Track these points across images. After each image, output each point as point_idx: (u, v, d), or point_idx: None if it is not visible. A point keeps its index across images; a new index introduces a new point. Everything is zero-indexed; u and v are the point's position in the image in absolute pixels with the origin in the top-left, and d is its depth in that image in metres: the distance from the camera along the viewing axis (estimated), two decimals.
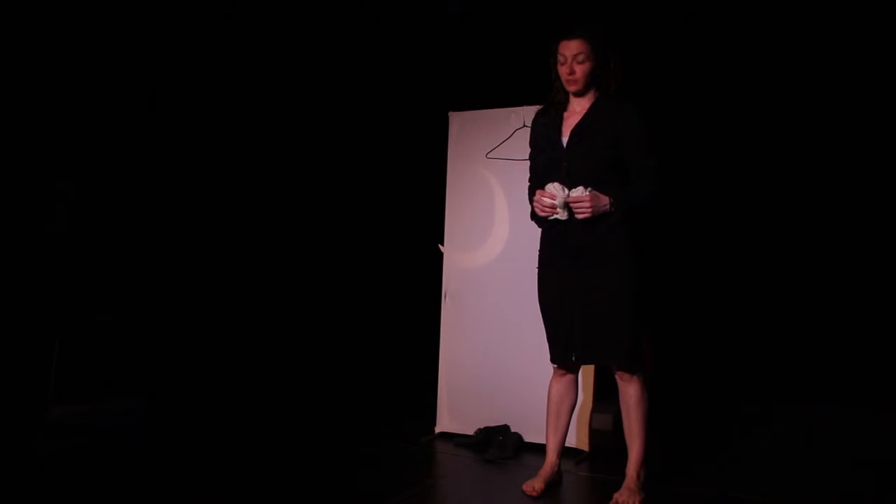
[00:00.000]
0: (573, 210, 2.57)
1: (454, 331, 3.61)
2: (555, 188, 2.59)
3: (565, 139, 2.67)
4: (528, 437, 3.38)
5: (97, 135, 3.87)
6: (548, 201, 2.60)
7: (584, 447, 3.28)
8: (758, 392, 4.19)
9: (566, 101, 2.73)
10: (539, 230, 2.80)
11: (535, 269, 2.81)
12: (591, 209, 2.54)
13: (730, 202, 4.35)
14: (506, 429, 3.42)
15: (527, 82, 3.04)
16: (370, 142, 4.94)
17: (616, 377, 2.70)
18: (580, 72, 2.62)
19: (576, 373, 2.85)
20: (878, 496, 2.82)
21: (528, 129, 2.95)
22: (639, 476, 2.69)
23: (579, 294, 2.64)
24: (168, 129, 4.20)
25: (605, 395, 3.25)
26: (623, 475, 2.71)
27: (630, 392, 2.68)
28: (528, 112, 3.33)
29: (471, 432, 3.46)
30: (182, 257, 4.28)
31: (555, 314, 2.73)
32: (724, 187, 4.32)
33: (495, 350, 3.50)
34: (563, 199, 2.57)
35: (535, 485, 2.77)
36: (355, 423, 3.86)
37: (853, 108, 4.04)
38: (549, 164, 2.70)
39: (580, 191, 2.55)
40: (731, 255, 4.36)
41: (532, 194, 2.74)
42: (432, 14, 4.36)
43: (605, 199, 2.56)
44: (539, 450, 3.03)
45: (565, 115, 2.72)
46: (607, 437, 3.52)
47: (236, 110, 4.50)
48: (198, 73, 4.28)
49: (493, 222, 3.56)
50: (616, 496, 2.64)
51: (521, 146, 3.26)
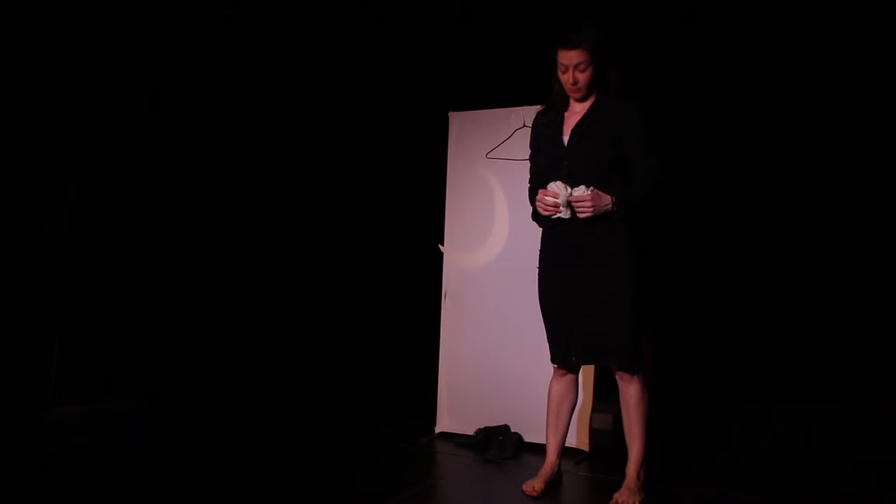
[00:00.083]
0: (575, 209, 2.58)
1: (454, 331, 3.62)
2: (557, 187, 2.59)
3: (566, 138, 2.68)
4: (528, 437, 3.38)
5: (97, 135, 3.87)
6: (550, 200, 2.60)
7: (585, 447, 3.28)
8: (758, 392, 4.19)
9: (567, 102, 2.73)
10: (539, 230, 2.80)
11: (535, 269, 2.81)
12: (592, 208, 2.54)
13: (730, 202, 4.35)
14: (506, 429, 3.42)
15: (527, 82, 3.04)
16: (370, 142, 4.94)
17: (616, 377, 2.71)
18: (583, 80, 2.63)
19: (576, 373, 2.85)
20: (878, 496, 2.82)
21: (528, 129, 2.96)
22: (639, 476, 2.69)
23: (580, 294, 2.64)
24: (168, 129, 4.20)
25: (605, 395, 3.25)
26: (623, 475, 2.71)
27: (630, 392, 2.68)
28: (528, 112, 3.34)
29: (471, 432, 3.46)
30: (182, 257, 4.27)
31: (555, 314, 2.73)
32: (725, 188, 4.32)
33: (495, 350, 3.50)
34: (565, 198, 2.57)
35: (535, 485, 2.77)
36: (355, 423, 3.86)
37: (853, 108, 4.04)
38: (550, 163, 2.70)
39: (582, 190, 2.55)
40: (731, 255, 4.36)
41: (533, 194, 2.74)
42: (432, 14, 4.36)
43: (608, 198, 2.56)
44: (539, 450, 3.03)
45: (566, 114, 2.73)
46: (607, 437, 3.52)
47: (236, 110, 4.50)
48: (198, 73, 4.28)
49: (493, 222, 3.56)
50: (616, 496, 2.64)
51: (521, 146, 3.26)
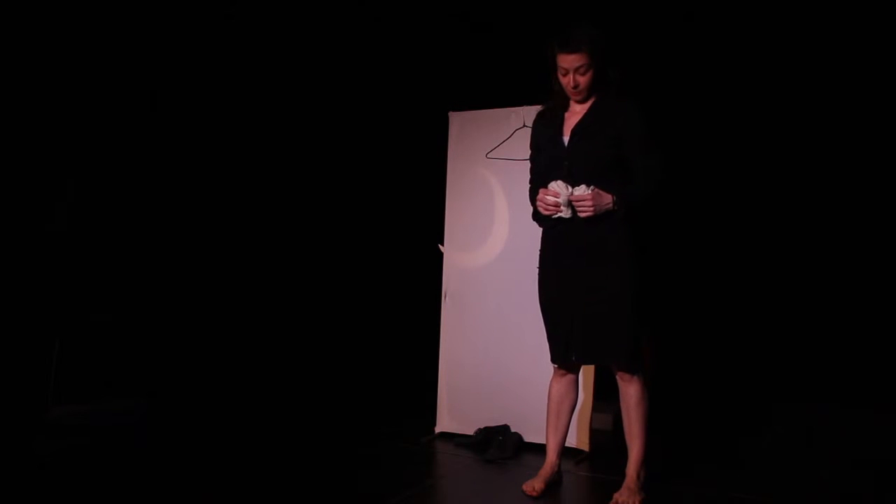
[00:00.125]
0: (576, 208, 2.58)
1: (454, 331, 3.62)
2: (558, 186, 2.59)
3: (566, 138, 2.68)
4: (528, 437, 3.38)
5: (97, 135, 3.87)
6: (551, 199, 2.60)
7: (585, 447, 3.28)
8: (758, 392, 4.19)
9: (567, 102, 2.73)
10: (539, 230, 2.80)
11: (535, 269, 2.81)
12: (593, 207, 2.54)
13: (730, 202, 4.34)
14: (506, 429, 3.42)
15: (527, 82, 3.04)
16: (370, 142, 4.93)
17: (616, 377, 2.71)
18: (584, 83, 2.63)
19: (576, 373, 2.85)
20: (878, 496, 2.82)
21: (528, 129, 2.96)
22: (639, 476, 2.69)
23: (580, 294, 2.64)
24: (168, 129, 4.20)
25: (605, 395, 3.25)
26: (623, 475, 2.71)
27: (630, 392, 2.68)
28: (528, 112, 3.34)
29: (471, 432, 3.46)
30: (182, 257, 4.27)
31: (555, 314, 2.73)
32: (725, 188, 4.32)
33: (495, 350, 3.50)
34: (566, 197, 2.57)
35: (535, 485, 2.77)
36: (355, 423, 3.86)
37: (853, 109, 4.03)
38: (550, 163, 2.70)
39: (583, 189, 2.56)
40: (731, 255, 4.36)
41: (534, 194, 2.74)
42: (432, 14, 4.36)
43: (608, 198, 2.56)
44: (539, 450, 3.03)
45: (566, 114, 2.73)
46: (607, 437, 3.52)
47: (236, 110, 4.49)
48: (198, 73, 4.28)
49: (493, 222, 3.56)
50: (616, 496, 2.65)
51: (521, 146, 3.26)
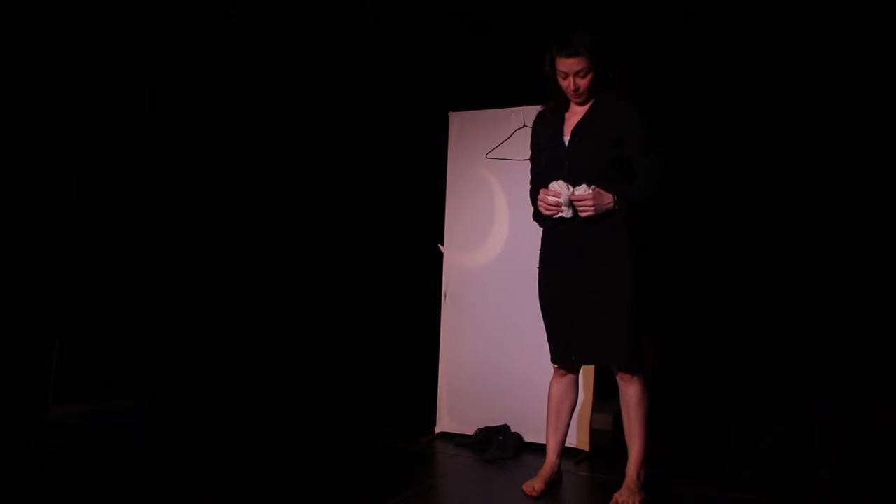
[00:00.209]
0: (577, 208, 2.58)
1: (454, 331, 3.61)
2: (559, 186, 2.59)
3: (567, 138, 2.68)
4: (528, 437, 3.38)
5: (97, 135, 3.87)
6: (552, 199, 2.60)
7: (585, 447, 3.28)
8: (758, 392, 4.19)
9: (567, 102, 2.73)
10: (539, 230, 2.80)
11: (535, 269, 2.81)
12: (594, 207, 2.54)
13: (730, 202, 4.34)
14: (506, 429, 3.41)
15: (527, 82, 3.04)
16: (370, 142, 4.93)
17: (616, 378, 2.71)
18: (584, 86, 2.63)
19: (576, 373, 2.85)
20: (878, 496, 2.82)
21: (528, 129, 2.96)
22: (639, 476, 2.69)
23: (580, 294, 2.64)
24: (168, 129, 4.20)
25: (605, 395, 3.25)
26: (623, 475, 2.71)
27: (630, 392, 2.68)
28: (528, 112, 3.34)
29: (471, 432, 3.46)
30: (182, 257, 4.27)
31: (555, 314, 2.73)
32: (725, 188, 4.32)
33: (495, 350, 3.50)
34: (567, 197, 2.57)
35: (535, 485, 2.77)
36: (355, 423, 3.86)
37: (853, 108, 4.04)
38: (550, 162, 2.70)
39: (584, 189, 2.56)
40: (731, 255, 4.36)
41: (534, 194, 2.74)
42: (432, 14, 4.36)
43: (609, 197, 2.56)
44: (539, 450, 3.03)
45: (566, 114, 2.73)
46: (607, 437, 3.52)
47: (236, 110, 4.49)
48: (198, 73, 4.28)
49: (493, 222, 3.56)
50: (616, 496, 2.64)
51: (521, 146, 3.26)
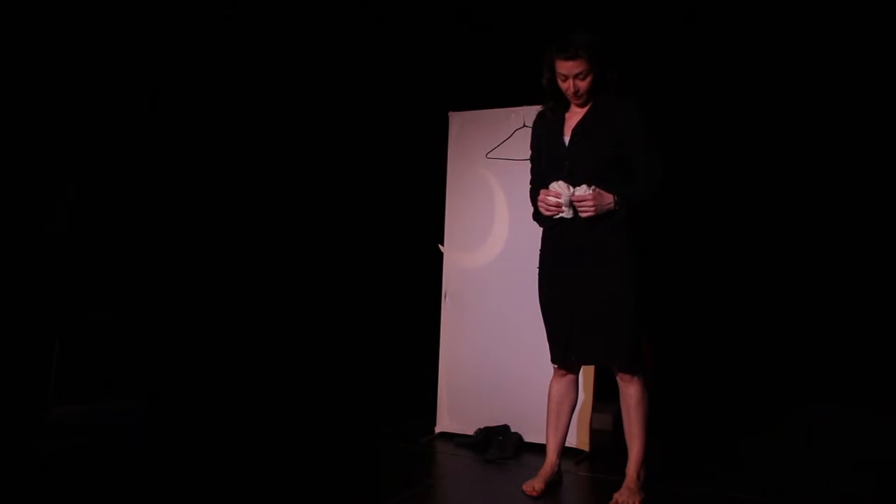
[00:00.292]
0: (578, 208, 2.58)
1: (454, 331, 3.61)
2: (559, 186, 2.59)
3: (567, 138, 2.68)
4: (528, 437, 3.38)
5: (97, 135, 3.87)
6: (553, 200, 2.60)
7: (585, 447, 3.28)
8: (758, 392, 4.19)
9: (567, 102, 2.73)
10: (539, 230, 2.80)
11: (535, 269, 2.81)
12: (595, 207, 2.54)
13: (730, 202, 4.34)
14: (506, 429, 3.42)
15: (527, 82, 3.04)
16: (370, 142, 4.93)
17: (616, 378, 2.71)
18: (584, 88, 2.63)
19: (576, 373, 2.85)
20: (878, 496, 2.82)
21: (528, 129, 2.96)
22: (639, 476, 2.69)
23: (580, 294, 2.64)
24: (168, 129, 4.20)
25: (605, 395, 3.25)
26: (623, 475, 2.71)
27: (630, 392, 2.68)
28: (528, 112, 3.34)
29: (471, 432, 3.46)
30: (182, 257, 4.27)
31: (555, 314, 2.73)
32: (725, 188, 4.32)
33: (495, 350, 3.50)
34: (567, 198, 2.57)
35: (535, 485, 2.77)
36: (355, 423, 3.86)
37: (853, 109, 4.03)
38: (550, 163, 2.71)
39: (584, 189, 2.56)
40: (731, 255, 4.36)
41: (535, 195, 2.74)
42: (432, 14, 4.35)
43: (610, 197, 2.56)
44: (539, 450, 3.03)
45: (566, 115, 2.73)
46: (607, 437, 3.52)
47: (236, 110, 4.49)
48: (198, 73, 4.28)
49: (493, 222, 3.56)
50: (616, 496, 2.65)
51: (521, 146, 3.26)
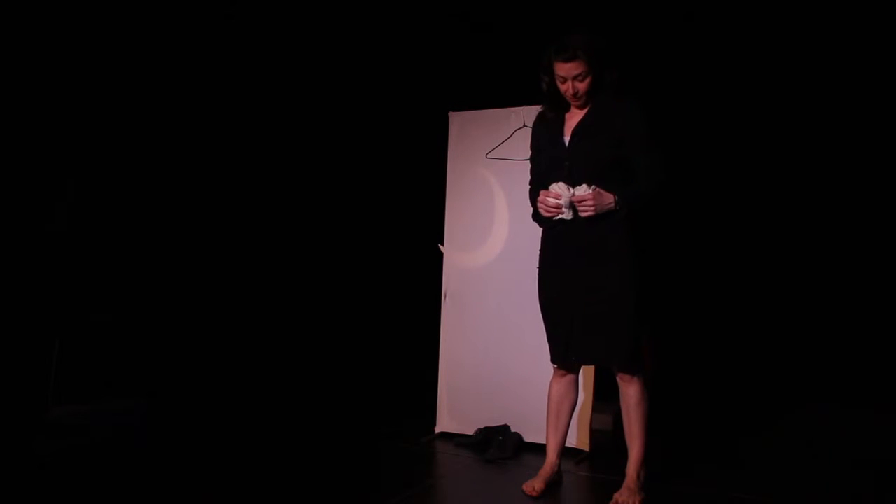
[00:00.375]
0: (577, 209, 2.57)
1: (454, 331, 3.62)
2: (559, 188, 2.59)
3: (567, 138, 2.68)
4: (528, 437, 3.38)
5: (97, 135, 3.86)
6: (553, 201, 2.60)
7: (585, 447, 3.28)
8: (758, 392, 4.19)
9: (567, 103, 2.73)
10: (539, 230, 2.80)
11: (535, 269, 2.81)
12: (595, 207, 2.54)
13: (730, 203, 4.34)
14: (506, 429, 3.42)
15: (527, 82, 3.04)
16: (370, 142, 4.93)
17: (616, 378, 2.71)
18: (583, 89, 2.63)
19: (576, 373, 2.85)
20: (878, 496, 2.82)
21: (528, 129, 2.96)
22: (639, 476, 2.69)
23: (580, 294, 2.64)
24: (168, 129, 4.20)
25: (606, 395, 3.25)
26: (623, 475, 2.71)
27: (630, 393, 2.68)
28: (528, 112, 3.34)
29: (471, 432, 3.46)
30: (182, 257, 4.27)
31: (555, 314, 2.73)
32: (725, 188, 4.32)
33: (495, 350, 3.50)
34: (567, 199, 2.57)
35: (535, 485, 2.77)
36: (355, 423, 3.86)
37: (853, 109, 4.04)
38: (551, 163, 2.71)
39: (584, 189, 2.55)
40: (731, 255, 4.36)
41: (534, 195, 2.74)
42: (432, 14, 4.35)
43: (610, 197, 2.56)
44: (539, 450, 3.03)
45: (566, 115, 2.73)
46: (607, 437, 3.52)
47: (236, 110, 4.49)
48: (198, 73, 4.28)
49: (493, 222, 3.56)
50: (616, 496, 2.65)
51: (521, 146, 3.26)
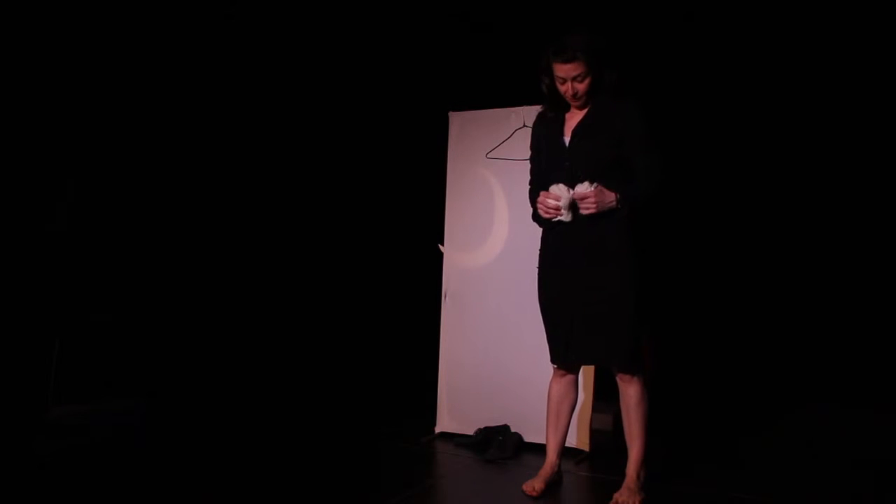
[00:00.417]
0: (578, 207, 2.57)
1: (454, 331, 3.62)
2: (559, 189, 2.58)
3: (567, 139, 2.68)
4: (528, 437, 3.38)
5: (97, 135, 3.86)
6: (552, 202, 2.59)
7: (585, 447, 3.28)
8: (758, 392, 4.19)
9: (567, 103, 2.72)
10: (539, 230, 2.80)
11: (535, 269, 2.81)
12: (596, 204, 2.54)
13: (730, 203, 4.34)
14: (506, 429, 3.42)
15: (527, 82, 3.04)
16: (370, 142, 4.93)
17: (616, 378, 2.71)
18: (582, 90, 2.62)
19: (576, 373, 2.85)
20: (878, 496, 2.82)
21: (528, 129, 2.96)
22: (639, 476, 2.69)
23: (580, 294, 2.64)
24: (168, 129, 4.20)
25: (605, 395, 3.25)
26: (623, 475, 2.71)
27: (630, 393, 2.68)
28: (528, 112, 3.34)
29: (471, 432, 3.46)
30: (182, 257, 4.27)
31: (555, 314, 2.73)
32: (725, 188, 4.32)
33: (495, 350, 3.50)
34: (567, 201, 2.57)
35: (535, 485, 2.77)
36: (355, 423, 3.86)
37: (853, 109, 4.04)
38: (551, 163, 2.70)
39: (586, 186, 2.54)
40: (731, 255, 4.36)
41: (534, 195, 2.74)
42: (432, 14, 4.35)
43: (611, 195, 2.55)
44: (539, 450, 3.03)
45: (567, 116, 2.73)
46: (607, 437, 3.52)
47: (236, 110, 4.49)
48: (198, 73, 4.28)
49: (493, 222, 3.56)
50: (616, 496, 2.64)
51: (521, 146, 3.26)
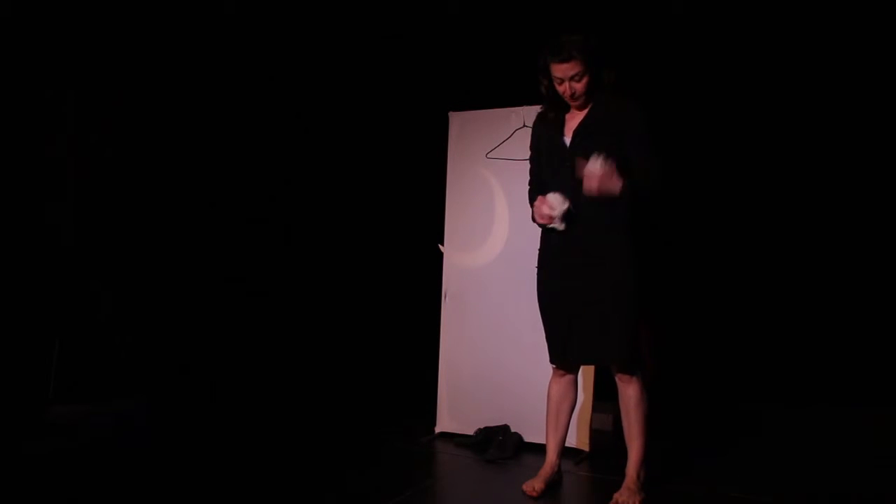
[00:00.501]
0: (572, 217, 2.58)
1: (454, 331, 3.62)
2: (556, 198, 2.58)
3: (567, 139, 2.68)
4: (528, 437, 3.38)
5: (97, 135, 3.86)
6: (546, 210, 2.60)
7: (585, 447, 3.28)
8: (758, 392, 4.19)
9: (566, 104, 2.72)
10: (539, 230, 2.80)
11: (535, 269, 2.81)
12: (598, 187, 2.50)
13: (729, 203, 4.34)
14: (506, 429, 3.42)
15: (527, 82, 3.04)
16: (370, 142, 4.93)
17: (616, 378, 2.71)
18: (580, 89, 2.62)
19: (575, 373, 2.85)
20: (878, 496, 2.82)
21: (528, 129, 2.96)
22: (639, 476, 2.69)
23: (579, 294, 2.64)
24: (168, 129, 4.20)
25: (605, 395, 3.24)
26: (623, 475, 2.71)
27: (630, 393, 2.68)
28: (528, 112, 3.34)
29: (471, 432, 3.46)
30: (182, 257, 4.27)
31: (554, 314, 2.73)
32: (723, 188, 4.32)
33: (495, 350, 3.50)
34: (561, 211, 2.58)
35: (535, 485, 2.77)
36: (355, 423, 3.86)
37: (853, 108, 4.04)
38: (552, 164, 2.70)
39: (598, 162, 2.47)
40: (731, 255, 4.36)
41: (533, 196, 2.74)
42: (432, 14, 4.35)
43: (618, 183, 2.52)
44: (539, 450, 3.03)
45: (567, 116, 2.73)
46: (607, 437, 3.53)
47: (237, 111, 4.49)
48: (198, 73, 4.28)
49: (493, 222, 3.56)
50: (616, 496, 2.65)
51: (521, 146, 3.26)
